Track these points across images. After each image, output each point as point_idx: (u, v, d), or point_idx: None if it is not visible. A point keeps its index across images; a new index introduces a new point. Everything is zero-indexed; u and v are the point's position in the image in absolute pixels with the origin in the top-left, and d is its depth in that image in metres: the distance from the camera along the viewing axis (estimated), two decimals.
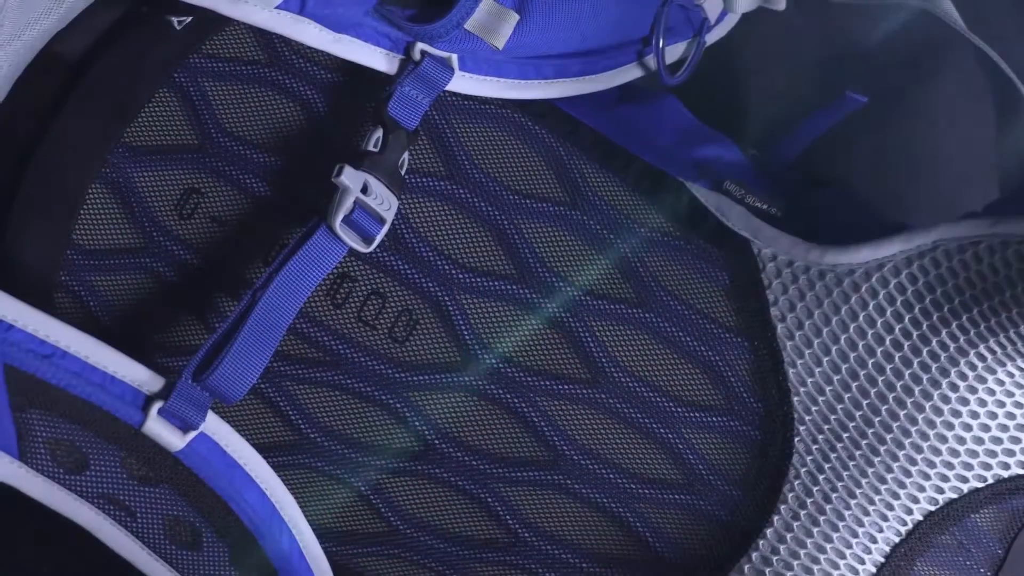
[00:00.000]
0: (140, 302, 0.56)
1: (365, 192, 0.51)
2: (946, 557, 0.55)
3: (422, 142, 0.56)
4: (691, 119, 0.62)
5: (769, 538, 0.55)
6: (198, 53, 0.56)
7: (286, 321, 0.51)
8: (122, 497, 0.50)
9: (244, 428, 0.56)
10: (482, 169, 0.57)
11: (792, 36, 0.71)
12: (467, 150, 0.57)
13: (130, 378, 0.49)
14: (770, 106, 0.72)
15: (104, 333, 0.51)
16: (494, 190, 0.56)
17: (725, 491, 0.56)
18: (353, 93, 0.56)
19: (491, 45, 0.53)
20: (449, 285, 0.56)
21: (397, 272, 0.56)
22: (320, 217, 0.51)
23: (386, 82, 0.53)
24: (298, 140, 0.56)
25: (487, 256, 0.56)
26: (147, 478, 0.50)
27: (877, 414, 0.54)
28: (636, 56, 0.60)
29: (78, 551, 0.69)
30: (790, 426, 0.55)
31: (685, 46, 0.62)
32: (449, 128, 0.57)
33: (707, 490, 0.56)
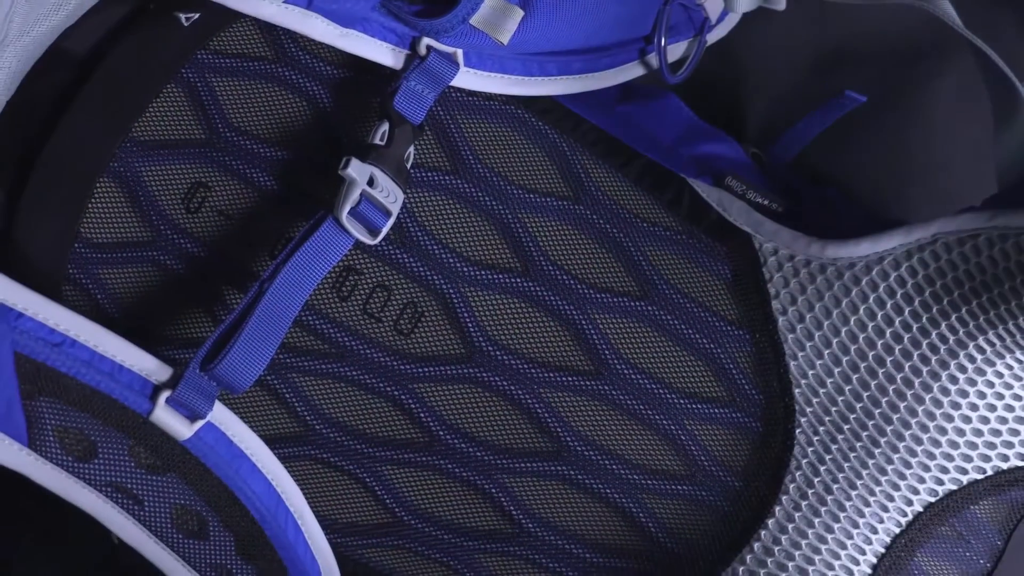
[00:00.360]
0: (147, 295, 0.57)
1: (371, 185, 0.52)
2: (946, 548, 0.55)
3: (427, 137, 0.57)
4: (692, 117, 0.63)
5: (771, 528, 0.55)
6: (205, 49, 0.57)
7: (293, 312, 0.51)
8: (130, 485, 0.50)
9: (250, 419, 0.57)
10: (486, 164, 0.57)
11: (791, 35, 0.72)
12: (471, 145, 0.57)
13: (138, 367, 0.50)
14: (770, 105, 0.73)
15: (111, 325, 0.51)
16: (498, 185, 0.57)
17: (727, 482, 0.56)
18: (359, 89, 0.57)
19: (496, 40, 0.54)
20: (454, 278, 0.57)
21: (402, 265, 0.57)
22: (327, 210, 0.52)
23: (391, 78, 0.54)
24: (304, 135, 0.57)
25: (491, 250, 0.57)
26: (154, 467, 0.51)
27: (878, 406, 0.55)
28: (638, 54, 0.61)
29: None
30: (791, 418, 0.55)
31: (686, 45, 0.63)
32: (454, 124, 0.57)
33: (709, 481, 0.57)
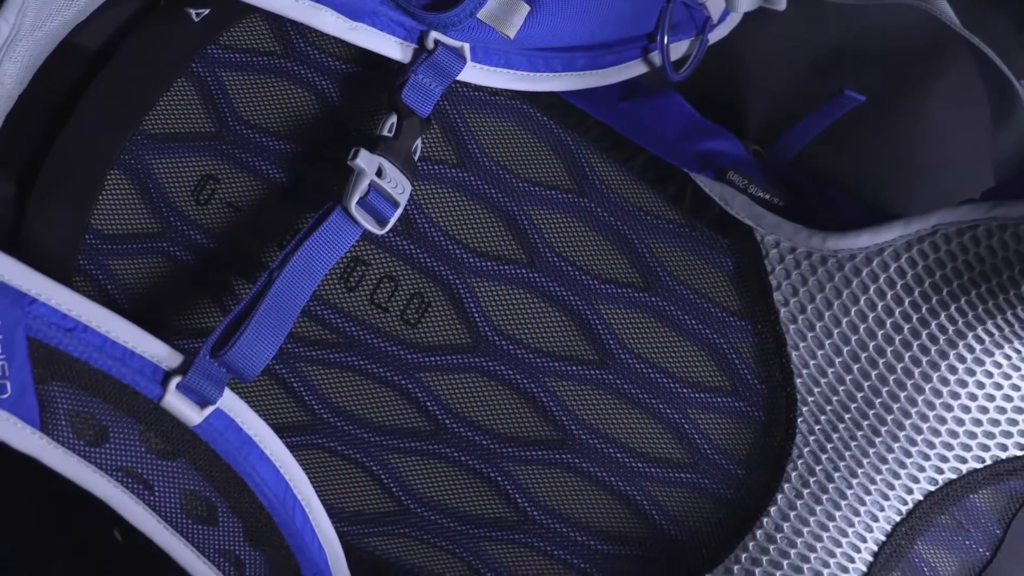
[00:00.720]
0: (157, 285, 0.57)
1: (380, 175, 0.52)
2: (946, 537, 0.56)
3: (434, 131, 0.58)
4: (695, 114, 0.64)
5: (773, 516, 0.56)
6: (215, 44, 0.58)
7: (301, 300, 0.52)
8: (140, 470, 0.51)
9: (258, 408, 0.57)
10: (492, 157, 0.58)
11: (791, 36, 0.72)
12: (478, 139, 0.58)
13: (149, 353, 0.50)
14: (770, 105, 0.74)
15: (122, 315, 0.52)
16: (504, 178, 0.58)
17: (730, 470, 0.57)
18: (367, 83, 0.58)
19: (503, 34, 0.55)
20: (460, 269, 0.57)
21: (409, 256, 0.57)
22: (335, 200, 0.52)
23: (398, 73, 0.55)
24: (313, 128, 0.57)
25: (497, 241, 0.58)
26: (165, 452, 0.51)
27: (878, 395, 0.55)
28: (641, 52, 0.62)
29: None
30: (793, 407, 0.56)
31: (688, 44, 0.64)
32: (460, 118, 0.58)
33: (712, 469, 0.57)
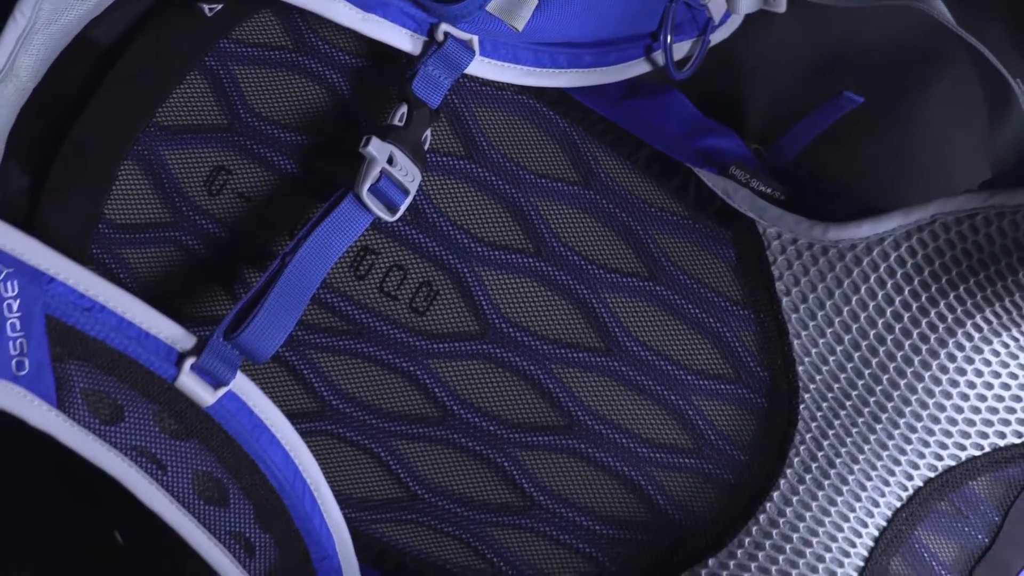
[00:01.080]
0: (169, 274, 0.58)
1: (391, 163, 0.54)
2: (945, 523, 0.57)
3: (442, 124, 0.59)
4: (696, 113, 0.65)
5: (776, 501, 0.57)
6: (227, 39, 0.59)
7: (313, 285, 0.53)
8: (154, 450, 0.52)
9: (269, 396, 0.58)
10: (499, 150, 0.59)
11: (791, 38, 0.74)
12: (485, 133, 0.59)
13: (164, 335, 0.51)
14: (769, 108, 0.75)
15: None
16: (511, 170, 0.59)
17: (733, 455, 0.58)
18: (376, 77, 0.59)
19: (511, 27, 0.56)
20: (468, 258, 0.58)
21: (418, 245, 0.58)
22: (347, 187, 0.53)
23: (408, 66, 0.56)
24: (323, 121, 0.59)
25: (505, 231, 0.59)
26: (178, 433, 0.52)
27: (878, 383, 0.56)
28: (644, 51, 0.63)
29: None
30: (795, 394, 0.57)
31: (690, 45, 0.65)
32: (468, 112, 0.59)
33: (716, 454, 0.58)
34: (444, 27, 0.55)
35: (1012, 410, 0.56)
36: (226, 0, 0.59)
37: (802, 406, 0.57)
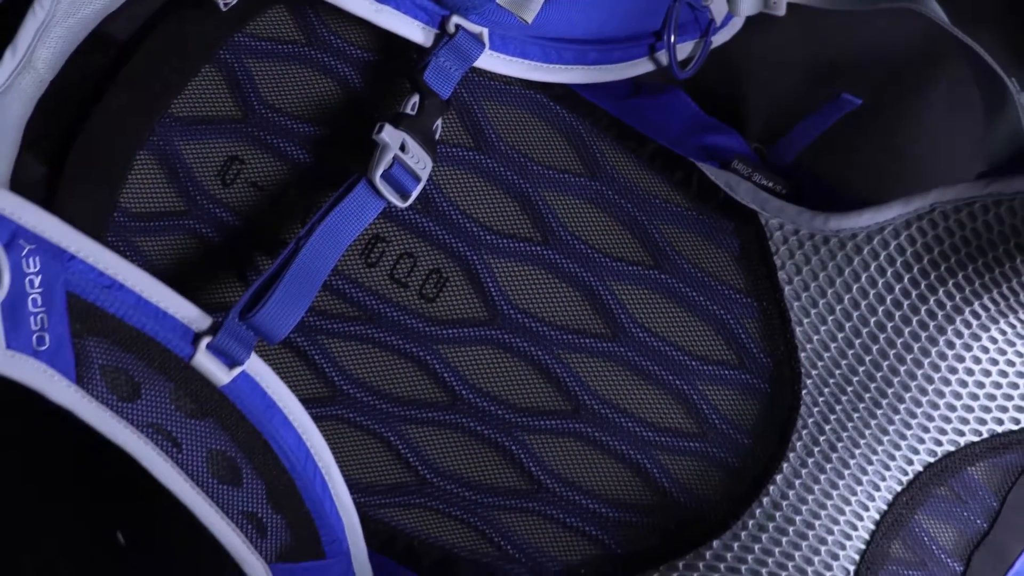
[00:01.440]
0: (182, 262, 0.59)
1: (403, 150, 0.55)
2: (945, 508, 0.58)
3: (452, 117, 0.60)
4: (699, 111, 0.67)
5: (779, 484, 0.58)
6: (241, 33, 0.60)
7: (326, 268, 0.54)
8: (169, 427, 0.52)
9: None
10: (508, 143, 0.60)
11: (790, 41, 0.75)
12: (494, 126, 0.61)
13: (181, 314, 0.52)
14: (769, 109, 0.76)
15: None
16: (519, 161, 0.60)
17: (737, 439, 0.59)
18: (387, 70, 0.60)
19: (520, 19, 0.57)
20: (477, 246, 0.59)
21: (428, 233, 0.59)
22: (360, 173, 0.55)
23: (418, 59, 0.57)
24: (335, 112, 0.60)
25: (513, 221, 0.60)
26: (194, 412, 0.53)
27: (879, 369, 0.57)
28: (648, 51, 0.64)
29: None
30: (797, 379, 0.58)
31: (692, 46, 0.67)
32: (477, 105, 0.61)
33: (720, 438, 0.59)
34: (455, 19, 0.57)
35: (1009, 397, 0.57)
36: None
37: (804, 391, 0.58)
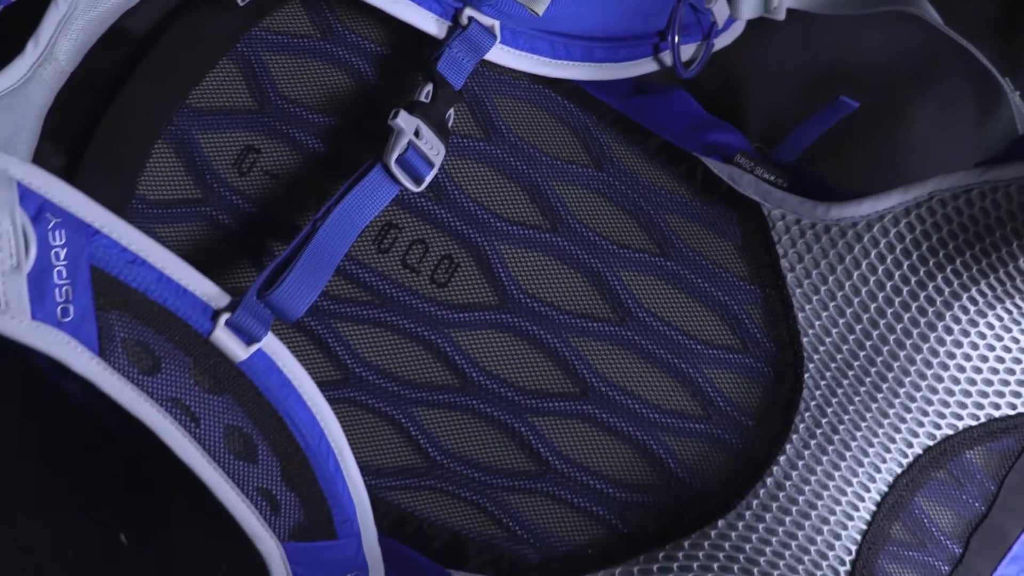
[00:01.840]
0: (198, 248, 0.61)
1: (417, 136, 0.56)
2: (944, 491, 0.59)
3: (463, 110, 0.62)
4: (701, 110, 0.68)
5: (782, 465, 0.59)
6: (258, 27, 0.62)
7: (342, 250, 0.55)
8: (188, 402, 0.53)
9: None
10: (517, 134, 0.62)
11: (790, 46, 0.77)
12: (503, 118, 0.62)
13: (201, 291, 0.53)
14: (768, 113, 0.78)
15: None
16: (528, 152, 0.62)
17: (741, 421, 0.60)
18: (400, 64, 0.62)
19: (531, 11, 0.59)
20: (488, 233, 0.61)
21: (439, 221, 0.61)
22: (376, 158, 0.56)
23: (433, 49, 0.59)
24: (349, 104, 0.61)
25: (522, 209, 0.62)
26: (211, 388, 0.54)
27: (879, 354, 0.59)
28: (652, 51, 0.66)
29: None
30: (800, 364, 0.60)
31: (695, 48, 0.68)
32: (487, 99, 0.62)
33: (724, 420, 0.60)
34: (468, 11, 0.59)
35: (1006, 382, 0.58)
36: None
37: (807, 375, 0.60)
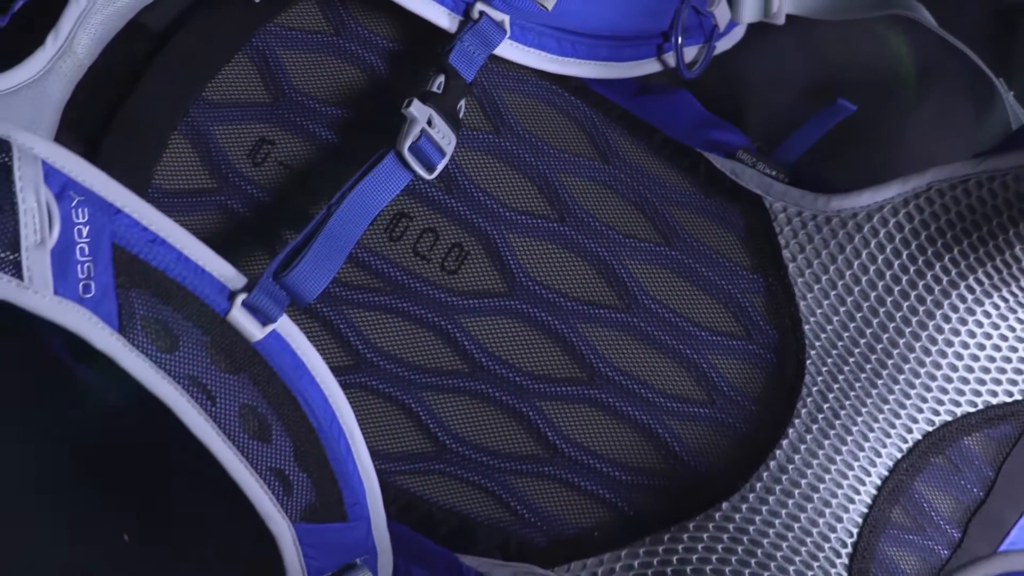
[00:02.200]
0: (213, 236, 0.62)
1: (430, 124, 0.58)
2: (943, 476, 0.60)
3: (473, 104, 0.63)
4: (703, 110, 0.70)
5: (784, 449, 0.60)
6: (273, 23, 0.63)
7: (355, 235, 0.56)
8: (205, 381, 0.55)
9: None
10: (525, 128, 0.64)
11: (789, 50, 0.79)
12: (512, 112, 0.64)
13: (218, 272, 0.54)
14: (767, 118, 0.80)
15: None
16: (536, 145, 0.63)
17: (745, 406, 0.62)
18: (411, 59, 0.63)
19: (541, 6, 0.61)
20: (497, 222, 0.62)
21: (450, 210, 0.62)
22: (389, 146, 0.57)
23: (444, 42, 0.61)
24: (362, 97, 0.63)
25: (531, 199, 0.63)
26: (228, 367, 0.55)
27: (879, 341, 0.60)
28: (655, 51, 0.68)
29: None
30: (802, 350, 0.61)
31: (696, 51, 0.70)
32: (496, 94, 0.64)
33: (728, 405, 0.62)
34: (479, 6, 0.60)
35: (1003, 370, 0.60)
36: None
37: (808, 361, 0.61)
